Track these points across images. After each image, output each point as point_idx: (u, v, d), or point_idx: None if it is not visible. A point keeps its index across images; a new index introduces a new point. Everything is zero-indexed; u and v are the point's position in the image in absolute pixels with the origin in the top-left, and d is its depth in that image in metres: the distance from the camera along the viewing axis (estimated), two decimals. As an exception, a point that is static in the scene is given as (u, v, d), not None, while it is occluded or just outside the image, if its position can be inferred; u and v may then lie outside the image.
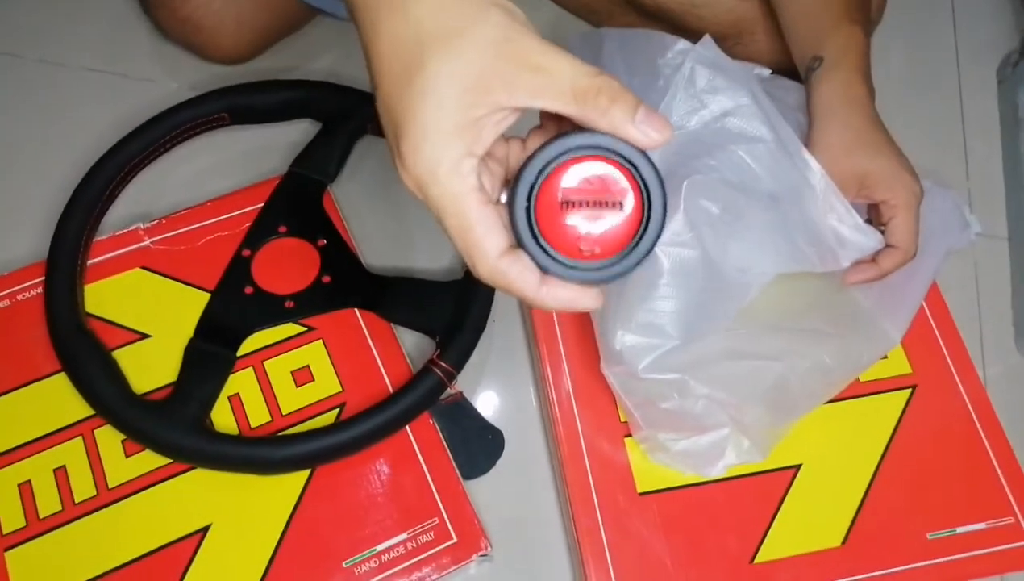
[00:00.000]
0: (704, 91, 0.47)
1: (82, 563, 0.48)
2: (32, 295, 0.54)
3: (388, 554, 0.49)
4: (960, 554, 0.50)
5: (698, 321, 0.45)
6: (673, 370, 0.44)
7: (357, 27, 0.29)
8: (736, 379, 0.46)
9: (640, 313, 0.44)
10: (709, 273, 0.44)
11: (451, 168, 0.27)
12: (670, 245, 0.43)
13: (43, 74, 0.66)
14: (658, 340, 0.44)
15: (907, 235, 0.47)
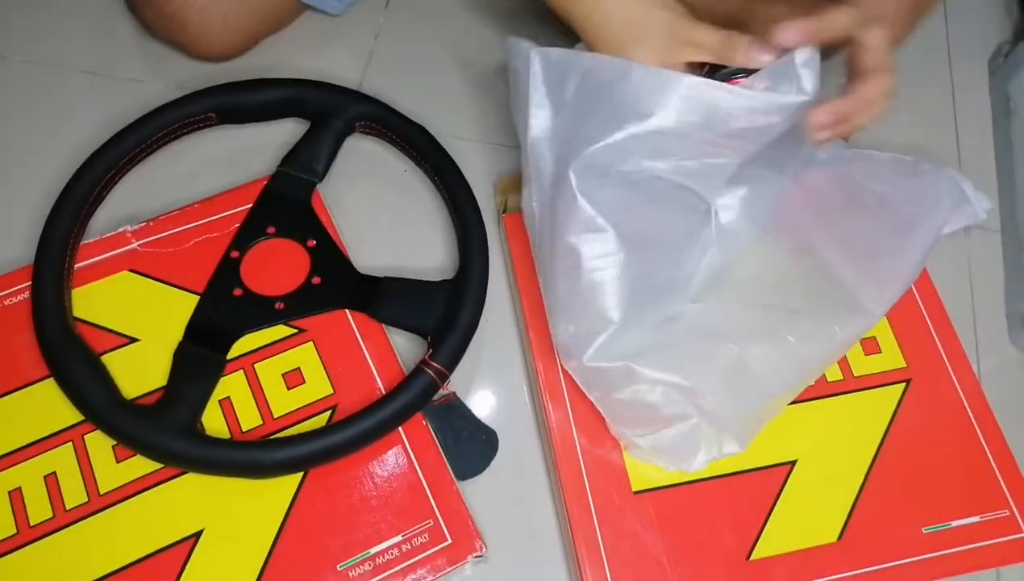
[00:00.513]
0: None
1: (75, 570, 0.47)
2: (19, 300, 0.54)
3: (382, 556, 0.48)
4: (956, 548, 0.50)
5: (643, 302, 0.44)
6: (617, 357, 0.44)
7: (567, 13, 0.47)
8: (687, 362, 0.45)
9: (577, 301, 0.44)
10: (644, 250, 0.44)
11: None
12: (588, 231, 0.43)
13: (28, 75, 0.65)
14: (599, 325, 0.44)
15: (881, 52, 0.41)
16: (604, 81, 0.43)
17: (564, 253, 0.45)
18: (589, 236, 0.44)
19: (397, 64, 0.67)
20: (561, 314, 0.46)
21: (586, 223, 0.44)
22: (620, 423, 0.49)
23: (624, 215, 0.44)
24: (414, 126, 0.60)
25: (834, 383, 0.55)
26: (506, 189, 0.60)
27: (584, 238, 0.44)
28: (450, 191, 0.58)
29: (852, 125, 0.42)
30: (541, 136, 0.47)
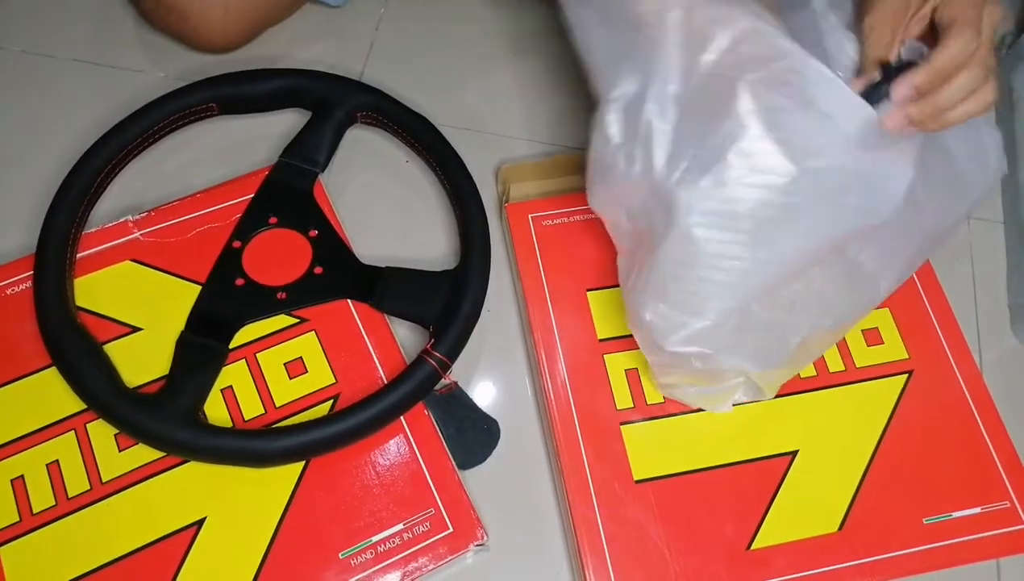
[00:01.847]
0: (703, 27, 0.41)
1: (77, 557, 0.47)
2: (21, 289, 0.54)
3: (384, 545, 0.49)
4: (956, 538, 0.50)
5: (747, 308, 0.43)
6: (701, 345, 0.44)
7: None
8: (757, 351, 0.45)
9: (680, 288, 0.43)
10: (769, 263, 0.42)
11: None
12: (724, 229, 0.41)
13: (27, 65, 0.65)
14: (690, 319, 0.43)
15: (958, 9, 0.37)
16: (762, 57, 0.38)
17: (683, 239, 0.41)
18: (723, 235, 0.41)
19: (398, 54, 0.67)
20: (653, 293, 0.43)
21: (724, 218, 0.40)
22: (672, 378, 0.49)
23: (761, 220, 0.40)
24: (415, 116, 0.60)
25: (836, 374, 0.55)
26: (508, 178, 0.60)
27: (716, 234, 0.41)
28: (452, 181, 0.58)
29: (938, 107, 0.38)
30: (668, 93, 0.41)
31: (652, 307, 0.44)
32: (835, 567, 0.49)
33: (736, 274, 0.42)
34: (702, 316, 0.43)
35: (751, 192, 0.40)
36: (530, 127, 0.65)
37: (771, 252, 0.42)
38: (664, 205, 0.42)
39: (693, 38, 0.41)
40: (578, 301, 0.55)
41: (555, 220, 0.58)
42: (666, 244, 0.42)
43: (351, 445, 0.49)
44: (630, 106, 0.43)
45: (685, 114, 0.42)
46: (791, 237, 0.41)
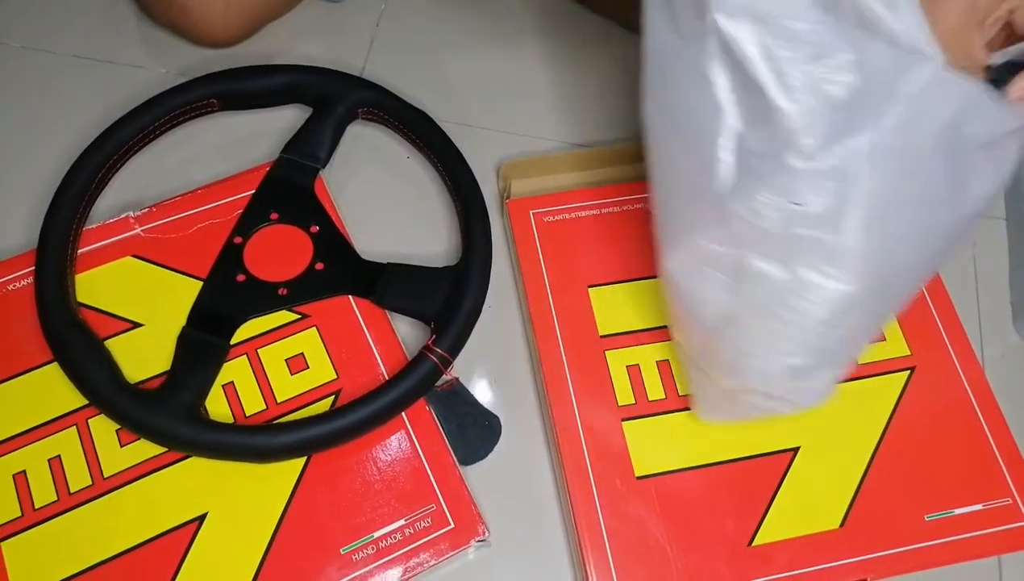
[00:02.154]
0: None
1: (79, 552, 0.47)
2: (22, 285, 0.54)
3: (385, 540, 0.49)
4: (958, 535, 0.50)
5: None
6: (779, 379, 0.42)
7: None
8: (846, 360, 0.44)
9: (771, 331, 0.39)
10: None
11: None
12: (830, 265, 0.36)
13: (27, 61, 0.65)
14: (780, 370, 0.41)
15: None
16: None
17: (782, 283, 0.37)
18: (830, 271, 0.36)
19: (399, 50, 0.67)
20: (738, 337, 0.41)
21: (831, 255, 0.35)
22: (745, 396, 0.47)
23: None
24: (416, 112, 0.60)
25: (837, 370, 0.55)
26: (509, 174, 0.60)
27: (819, 275, 0.36)
28: (453, 177, 0.58)
29: None
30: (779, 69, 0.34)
31: (731, 345, 0.41)
32: (836, 563, 0.49)
33: (845, 328, 0.39)
34: (792, 364, 0.40)
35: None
36: (532, 123, 0.65)
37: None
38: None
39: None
40: (579, 297, 0.55)
41: (556, 216, 0.58)
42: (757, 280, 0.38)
43: (352, 441, 0.50)
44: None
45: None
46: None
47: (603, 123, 0.66)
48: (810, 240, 0.35)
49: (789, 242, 0.36)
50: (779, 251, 0.37)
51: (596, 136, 0.65)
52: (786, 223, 0.35)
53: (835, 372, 0.43)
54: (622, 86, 0.67)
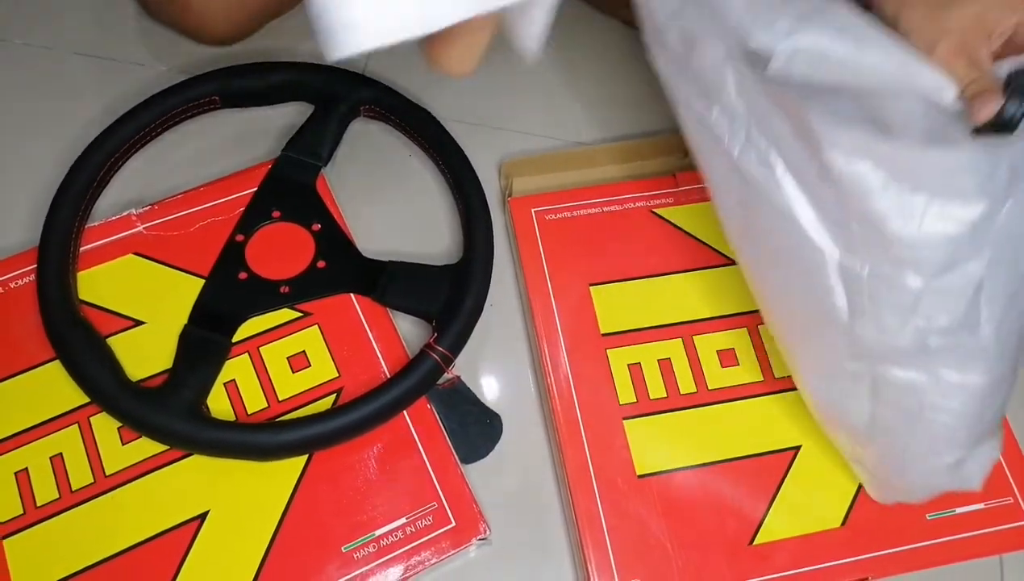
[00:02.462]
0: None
1: (80, 550, 0.48)
2: (24, 283, 0.54)
3: (387, 539, 0.49)
4: (959, 534, 0.50)
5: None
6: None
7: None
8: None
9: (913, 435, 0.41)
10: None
11: None
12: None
13: (29, 58, 0.65)
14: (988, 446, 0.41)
15: None
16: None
17: (923, 386, 0.38)
18: (969, 368, 0.37)
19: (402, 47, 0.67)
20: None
21: (969, 356, 0.36)
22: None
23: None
24: (418, 110, 0.60)
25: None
26: (511, 173, 0.59)
27: (959, 374, 0.37)
28: (454, 175, 0.58)
29: None
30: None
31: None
32: (837, 562, 0.49)
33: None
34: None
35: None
36: (533, 121, 0.65)
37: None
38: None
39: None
40: (581, 296, 0.55)
41: (558, 214, 0.58)
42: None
43: (354, 439, 0.50)
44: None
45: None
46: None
47: (605, 121, 0.66)
48: (946, 346, 0.36)
49: (925, 351, 0.37)
50: (916, 360, 0.37)
51: (598, 134, 0.65)
52: (919, 336, 0.36)
53: (992, 447, 0.43)
54: (625, 84, 0.67)
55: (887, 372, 0.38)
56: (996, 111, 0.38)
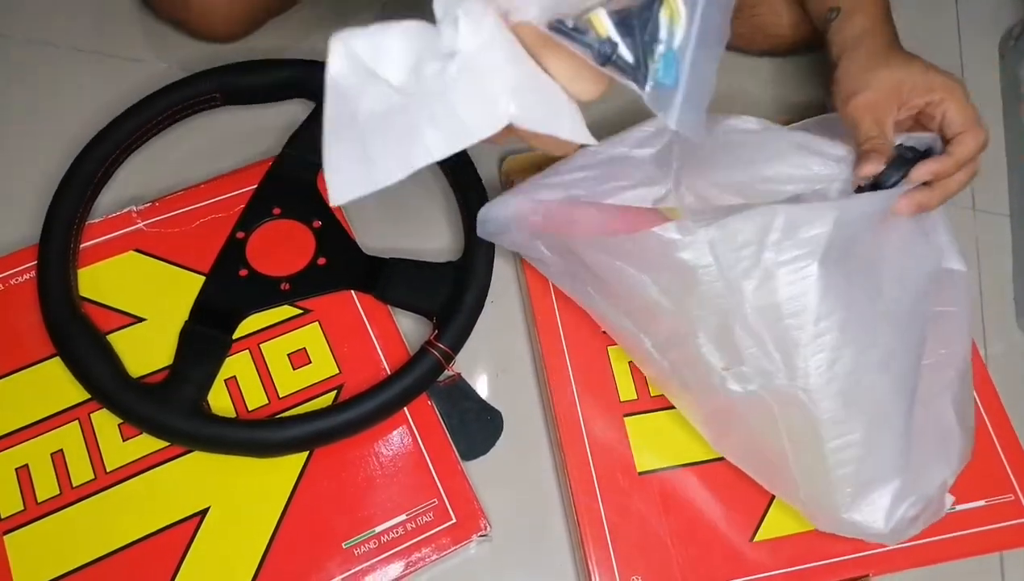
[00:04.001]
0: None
1: (81, 546, 0.48)
2: (25, 279, 0.54)
3: (387, 535, 0.49)
4: (960, 531, 0.50)
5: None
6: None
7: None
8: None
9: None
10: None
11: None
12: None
13: (30, 54, 0.65)
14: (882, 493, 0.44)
15: (967, 116, 0.44)
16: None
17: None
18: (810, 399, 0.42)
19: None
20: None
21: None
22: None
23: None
24: (420, 107, 0.60)
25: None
26: (511, 170, 0.59)
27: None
28: (455, 172, 0.58)
29: (949, 192, 0.45)
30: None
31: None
32: (838, 559, 0.49)
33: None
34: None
35: None
36: (534, 118, 0.65)
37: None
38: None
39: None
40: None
41: (559, 211, 0.58)
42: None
43: (354, 436, 0.49)
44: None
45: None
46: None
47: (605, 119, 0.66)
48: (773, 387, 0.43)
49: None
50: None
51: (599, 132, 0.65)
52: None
53: (894, 493, 0.44)
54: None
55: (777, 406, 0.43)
56: (877, 172, 0.44)
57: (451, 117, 0.26)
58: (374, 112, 0.27)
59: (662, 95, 0.28)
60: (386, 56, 0.27)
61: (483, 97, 0.26)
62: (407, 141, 0.27)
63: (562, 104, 0.28)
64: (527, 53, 0.27)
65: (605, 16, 0.26)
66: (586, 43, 0.26)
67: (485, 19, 0.26)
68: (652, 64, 0.27)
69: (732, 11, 0.28)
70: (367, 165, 0.27)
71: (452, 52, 0.26)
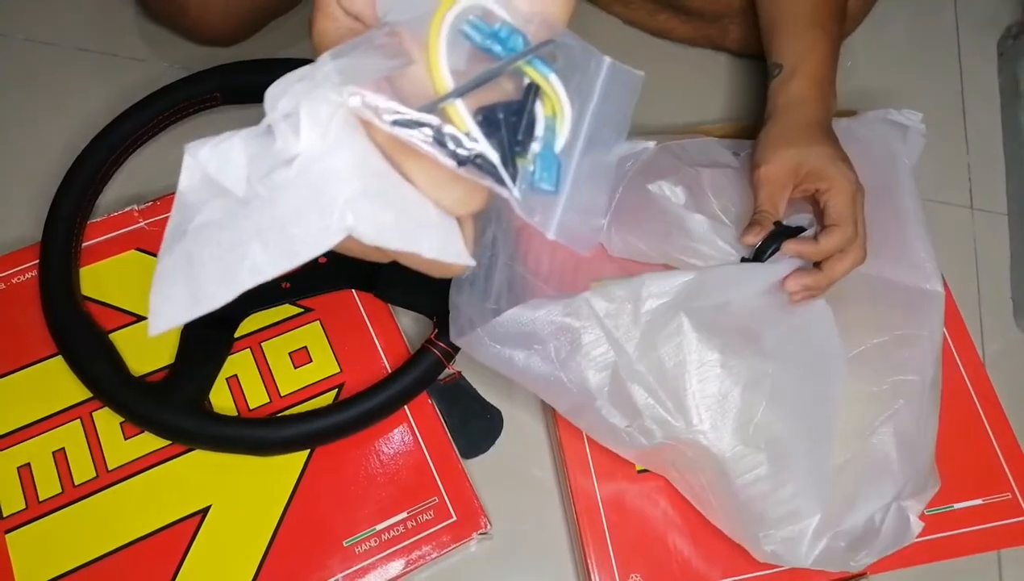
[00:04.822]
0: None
1: (83, 545, 0.48)
2: (27, 278, 0.54)
3: (388, 533, 0.49)
4: (957, 530, 0.50)
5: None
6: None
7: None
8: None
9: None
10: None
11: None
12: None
13: (31, 54, 0.65)
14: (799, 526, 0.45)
15: (842, 212, 0.47)
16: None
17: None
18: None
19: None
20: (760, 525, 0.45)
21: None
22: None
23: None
24: (419, 106, 0.59)
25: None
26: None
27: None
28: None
29: (832, 280, 0.48)
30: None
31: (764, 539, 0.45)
32: (836, 557, 0.49)
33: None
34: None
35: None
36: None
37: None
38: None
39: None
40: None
41: (559, 211, 0.58)
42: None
43: (355, 434, 0.50)
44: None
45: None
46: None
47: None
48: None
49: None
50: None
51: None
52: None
53: (806, 531, 0.45)
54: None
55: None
56: (754, 243, 0.48)
57: (279, 231, 0.22)
58: (204, 224, 0.23)
59: (538, 202, 0.23)
60: (229, 165, 0.23)
61: (317, 207, 0.22)
62: (233, 259, 0.22)
63: (427, 217, 0.23)
64: (384, 157, 0.23)
65: (463, 108, 0.21)
66: (437, 140, 0.21)
67: (333, 118, 0.22)
68: (525, 165, 0.22)
69: (635, 101, 0.24)
70: (191, 287, 0.23)
71: (291, 157, 0.22)
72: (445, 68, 0.22)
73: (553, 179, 0.23)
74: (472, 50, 0.22)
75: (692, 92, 0.67)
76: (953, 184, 0.66)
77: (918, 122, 0.53)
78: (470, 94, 0.22)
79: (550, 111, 0.23)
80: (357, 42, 0.22)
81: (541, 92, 0.22)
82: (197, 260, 0.23)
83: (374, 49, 0.22)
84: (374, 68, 0.22)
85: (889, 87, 0.69)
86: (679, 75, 0.67)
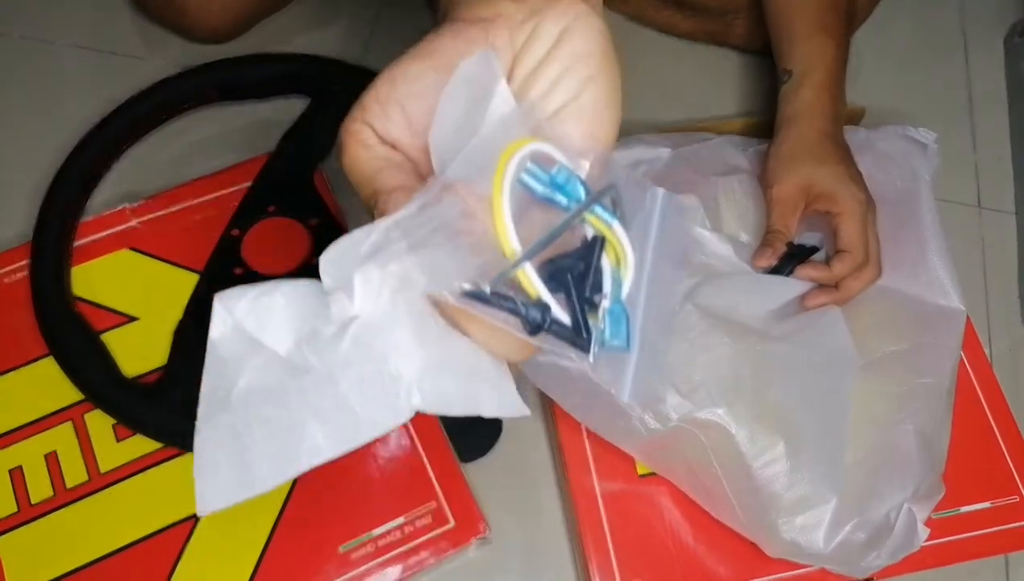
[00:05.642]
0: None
1: (75, 549, 0.47)
2: (18, 278, 0.53)
3: (385, 539, 0.48)
4: (965, 533, 0.50)
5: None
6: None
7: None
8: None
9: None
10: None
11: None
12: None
13: (27, 51, 0.64)
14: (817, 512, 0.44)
15: (852, 238, 0.48)
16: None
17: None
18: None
19: (399, 38, 0.66)
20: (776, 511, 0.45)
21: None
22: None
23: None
24: (417, 103, 0.59)
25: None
26: (511, 168, 0.59)
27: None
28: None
29: (848, 296, 0.48)
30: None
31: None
32: (841, 562, 0.48)
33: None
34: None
35: None
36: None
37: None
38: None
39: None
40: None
41: (559, 209, 0.57)
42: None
43: (352, 436, 0.49)
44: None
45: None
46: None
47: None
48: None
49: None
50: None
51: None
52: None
53: (832, 508, 0.44)
54: (623, 77, 0.66)
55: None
56: (768, 267, 0.49)
57: (342, 410, 0.21)
58: (250, 392, 0.22)
59: (610, 362, 0.22)
60: (272, 322, 0.22)
61: (380, 386, 0.21)
62: (290, 441, 0.21)
63: (482, 370, 0.23)
64: (437, 318, 0.22)
65: (533, 273, 0.20)
66: (512, 310, 0.20)
67: (385, 286, 0.21)
68: (596, 325, 0.21)
69: (693, 231, 0.23)
70: (240, 467, 0.21)
71: (346, 321, 0.21)
72: (512, 231, 0.20)
73: (623, 334, 0.21)
74: (528, 196, 0.21)
75: (697, 88, 0.67)
76: (960, 182, 0.66)
77: (932, 142, 0.54)
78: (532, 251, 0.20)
79: (614, 260, 0.21)
80: (431, 220, 0.21)
81: (605, 242, 0.21)
82: (247, 438, 0.21)
83: (453, 235, 0.20)
84: (460, 271, 0.20)
85: (895, 84, 0.68)
86: (684, 71, 0.67)
